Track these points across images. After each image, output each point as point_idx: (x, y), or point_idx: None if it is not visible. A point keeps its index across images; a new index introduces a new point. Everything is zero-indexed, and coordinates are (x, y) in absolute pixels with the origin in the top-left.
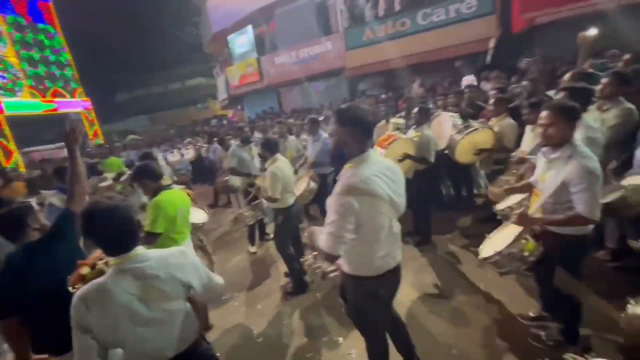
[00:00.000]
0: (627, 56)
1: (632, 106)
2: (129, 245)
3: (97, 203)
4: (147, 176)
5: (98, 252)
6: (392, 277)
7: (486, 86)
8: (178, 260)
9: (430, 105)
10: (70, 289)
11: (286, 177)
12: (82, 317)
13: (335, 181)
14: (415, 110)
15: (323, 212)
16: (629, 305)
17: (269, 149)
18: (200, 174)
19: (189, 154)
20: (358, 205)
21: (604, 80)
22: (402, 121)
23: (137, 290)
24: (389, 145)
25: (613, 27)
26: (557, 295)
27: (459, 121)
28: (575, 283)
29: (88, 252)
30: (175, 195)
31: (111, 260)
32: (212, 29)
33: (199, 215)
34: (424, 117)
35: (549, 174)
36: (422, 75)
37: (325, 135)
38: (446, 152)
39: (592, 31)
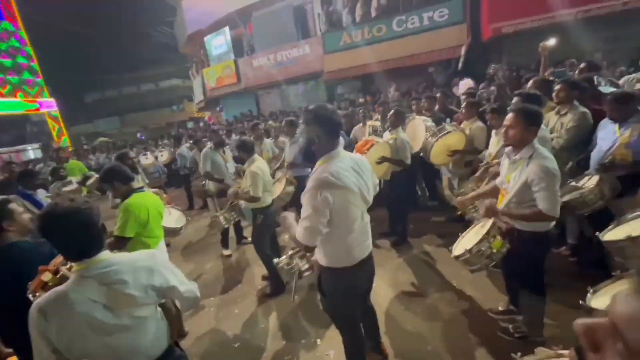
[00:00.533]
0: (582, 65)
1: (587, 110)
2: (92, 249)
3: (56, 205)
4: (116, 178)
5: (60, 257)
6: (366, 266)
7: (458, 91)
8: (147, 263)
9: (406, 109)
10: (30, 296)
11: (265, 177)
12: (40, 328)
13: None
14: (391, 113)
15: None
16: (588, 295)
17: (246, 150)
18: (175, 177)
19: (163, 156)
20: (332, 198)
21: (556, 87)
22: (378, 124)
23: (102, 297)
24: (367, 150)
25: (571, 38)
26: (518, 289)
27: (432, 124)
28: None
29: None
30: (147, 198)
31: (74, 265)
32: (188, 29)
33: (174, 219)
34: (399, 119)
35: (512, 175)
36: (398, 79)
37: None
38: (421, 154)
39: (552, 41)
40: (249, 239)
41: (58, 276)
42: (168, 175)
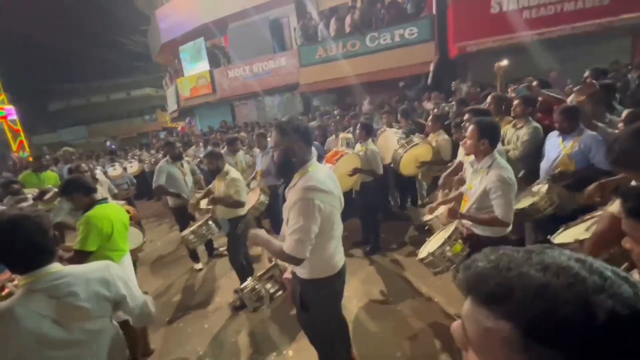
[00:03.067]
0: (535, 82)
1: (539, 125)
2: (40, 261)
3: (2, 213)
4: (77, 190)
5: (8, 273)
6: (343, 273)
7: (427, 105)
8: (101, 274)
9: (376, 122)
10: None
11: (243, 182)
12: None
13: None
14: (358, 127)
15: (274, 225)
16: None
17: (219, 159)
18: (145, 189)
19: (133, 168)
20: (322, 205)
21: (514, 103)
22: (350, 136)
23: (51, 311)
24: (336, 161)
25: (530, 57)
26: None
27: (402, 136)
28: None
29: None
30: (111, 210)
31: (21, 279)
32: (162, 38)
33: (133, 238)
34: (367, 132)
35: (474, 182)
36: (372, 93)
37: None
38: (392, 165)
39: (505, 61)
40: (220, 250)
41: (3, 293)
42: (137, 187)
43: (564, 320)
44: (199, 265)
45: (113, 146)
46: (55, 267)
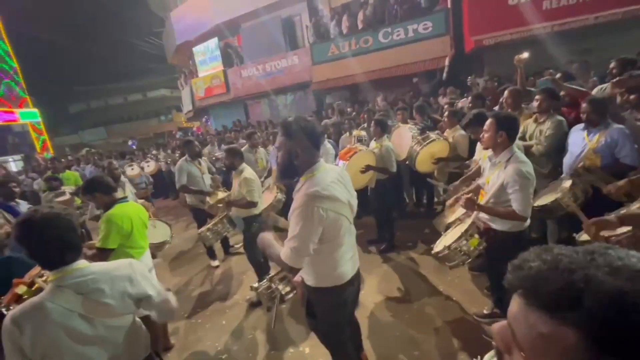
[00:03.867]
0: (558, 75)
1: (562, 118)
2: (68, 258)
3: (35, 211)
4: (98, 189)
5: (37, 269)
6: (356, 282)
7: (443, 101)
8: (125, 272)
9: (392, 118)
10: (3, 310)
11: (257, 182)
12: (14, 340)
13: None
14: (372, 124)
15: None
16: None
17: (237, 157)
18: (162, 188)
19: (150, 167)
20: (324, 213)
21: (537, 97)
22: (363, 133)
23: (77, 307)
24: (350, 157)
25: (548, 50)
26: (502, 289)
27: (417, 133)
28: None
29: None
30: (131, 208)
31: (49, 275)
32: (176, 40)
33: (159, 232)
34: (382, 129)
35: (492, 177)
36: (385, 89)
37: None
38: (407, 162)
39: (525, 54)
40: (237, 247)
41: (33, 288)
42: (155, 185)
43: None
44: (215, 263)
45: (134, 145)
46: (82, 264)
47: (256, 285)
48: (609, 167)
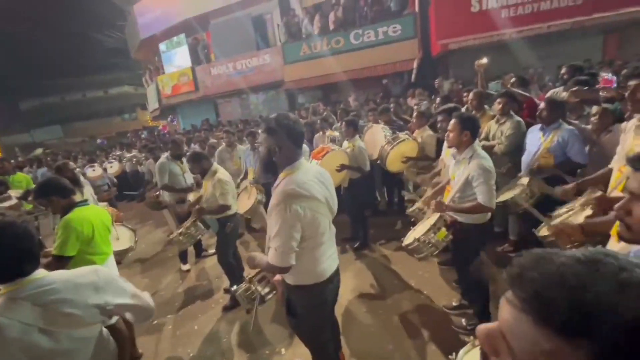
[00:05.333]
0: (513, 79)
1: (521, 119)
2: (24, 269)
3: None
4: (54, 192)
5: None
6: (335, 280)
7: (412, 102)
8: (90, 279)
9: (363, 118)
10: None
11: (231, 184)
12: None
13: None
14: (343, 124)
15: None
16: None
17: (203, 160)
18: (127, 189)
19: (113, 168)
20: (302, 211)
21: (498, 100)
22: (336, 133)
23: (36, 320)
24: (322, 157)
25: (509, 55)
26: (469, 280)
27: (389, 133)
28: (485, 269)
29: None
30: (91, 212)
31: (2, 288)
32: (140, 34)
33: (122, 239)
34: (352, 129)
35: (457, 173)
36: (357, 90)
37: None
38: (378, 162)
39: (484, 59)
40: (209, 251)
41: None
42: (119, 187)
43: None
44: (186, 267)
45: (104, 143)
46: (40, 273)
47: (234, 287)
48: (562, 164)
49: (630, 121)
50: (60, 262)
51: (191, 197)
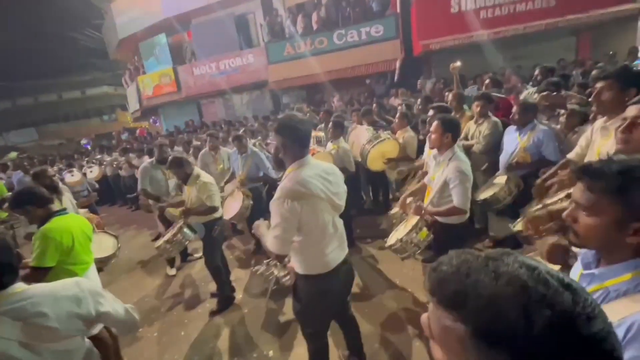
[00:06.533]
0: (487, 80)
1: (498, 120)
2: (5, 281)
3: None
4: (30, 202)
5: None
6: (342, 271)
7: (395, 102)
8: (71, 292)
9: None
10: None
11: (215, 186)
12: None
13: (269, 194)
14: (329, 126)
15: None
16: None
17: (184, 165)
18: (108, 195)
19: (93, 173)
20: (299, 207)
21: (475, 102)
22: (321, 134)
23: (16, 334)
24: None
25: (486, 55)
26: None
27: (373, 132)
28: None
29: None
30: (71, 221)
31: None
32: (119, 34)
33: (104, 246)
34: (338, 130)
35: (437, 174)
36: (341, 90)
37: (255, 149)
38: (360, 160)
39: (458, 62)
40: (195, 255)
41: None
42: (100, 192)
43: (508, 328)
44: (172, 271)
45: (88, 146)
46: (20, 287)
47: (255, 267)
48: (537, 162)
49: (596, 122)
50: (39, 273)
51: (172, 210)
